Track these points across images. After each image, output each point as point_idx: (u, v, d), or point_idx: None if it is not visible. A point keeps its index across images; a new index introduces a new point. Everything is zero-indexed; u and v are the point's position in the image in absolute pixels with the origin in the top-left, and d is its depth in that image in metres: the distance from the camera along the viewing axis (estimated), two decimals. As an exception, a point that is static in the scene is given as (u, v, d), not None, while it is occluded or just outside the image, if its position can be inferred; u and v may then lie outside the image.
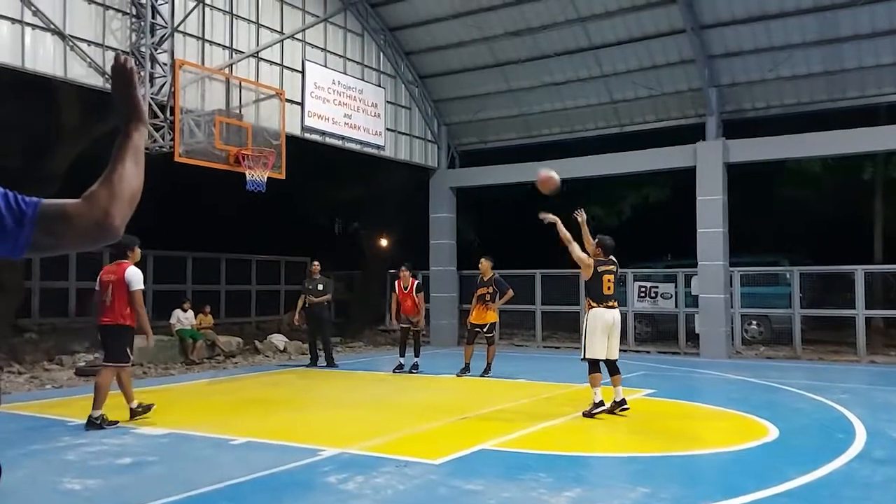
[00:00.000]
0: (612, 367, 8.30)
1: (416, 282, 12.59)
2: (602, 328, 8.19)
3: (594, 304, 8.25)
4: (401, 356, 12.58)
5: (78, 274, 18.22)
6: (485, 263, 11.92)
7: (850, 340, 15.03)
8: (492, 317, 11.89)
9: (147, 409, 7.90)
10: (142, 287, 7.64)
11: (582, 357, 8.31)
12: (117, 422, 7.56)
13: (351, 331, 19.22)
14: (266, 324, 21.10)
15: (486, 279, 11.85)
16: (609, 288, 8.31)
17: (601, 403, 8.05)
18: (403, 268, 12.61)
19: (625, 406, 8.15)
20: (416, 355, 12.48)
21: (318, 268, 13.40)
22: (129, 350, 7.67)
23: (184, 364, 13.40)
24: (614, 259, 8.58)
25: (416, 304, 12.34)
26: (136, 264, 7.78)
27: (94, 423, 7.37)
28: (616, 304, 8.44)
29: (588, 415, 8.04)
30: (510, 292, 11.91)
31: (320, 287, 13.13)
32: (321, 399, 9.93)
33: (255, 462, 6.10)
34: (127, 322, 7.57)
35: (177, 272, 20.02)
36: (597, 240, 8.59)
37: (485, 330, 11.84)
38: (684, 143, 15.46)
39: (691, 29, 14.21)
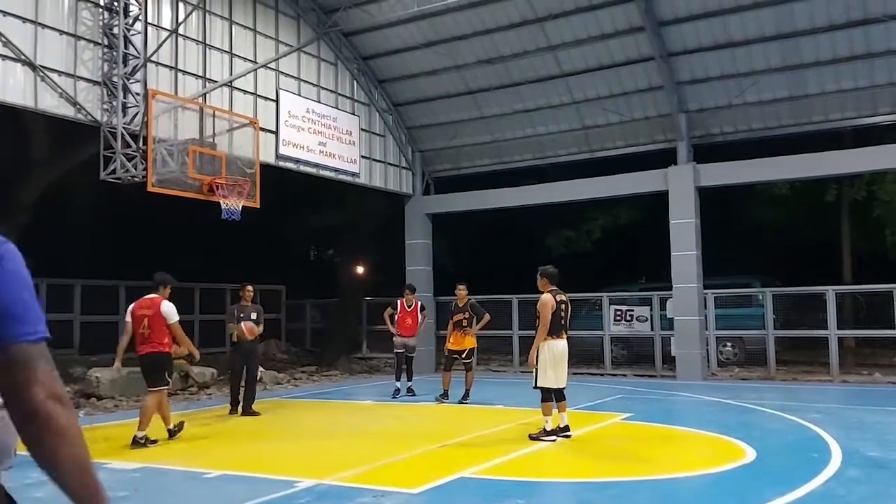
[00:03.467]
0: (560, 394, 8.49)
1: (420, 302, 12.99)
2: (553, 359, 8.32)
3: (549, 337, 8.32)
4: (397, 380, 12.74)
5: (48, 306, 17.90)
6: (461, 290, 11.95)
7: (822, 360, 15.21)
8: (470, 342, 11.87)
9: (180, 427, 8.81)
10: (177, 318, 8.53)
11: (535, 385, 8.45)
12: (157, 440, 8.38)
13: (327, 359, 19.05)
14: (241, 354, 20.81)
15: (462, 305, 11.87)
16: (563, 319, 8.42)
17: (552, 433, 8.20)
18: (407, 290, 12.93)
19: (567, 433, 8.31)
20: (409, 379, 12.68)
21: (252, 293, 11.18)
22: (167, 374, 8.61)
23: (157, 396, 13.15)
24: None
25: (415, 324, 12.64)
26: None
27: (139, 443, 8.21)
28: (566, 334, 8.53)
29: (535, 437, 8.21)
30: (487, 317, 11.94)
31: (254, 316, 10.87)
32: (297, 429, 9.80)
33: (229, 495, 5.98)
34: (165, 350, 8.49)
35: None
36: (539, 271, 8.62)
37: (463, 356, 11.82)
38: (655, 167, 15.69)
39: (659, 56, 14.50)
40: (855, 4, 13.10)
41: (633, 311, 16.97)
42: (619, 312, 16.99)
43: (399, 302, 12.81)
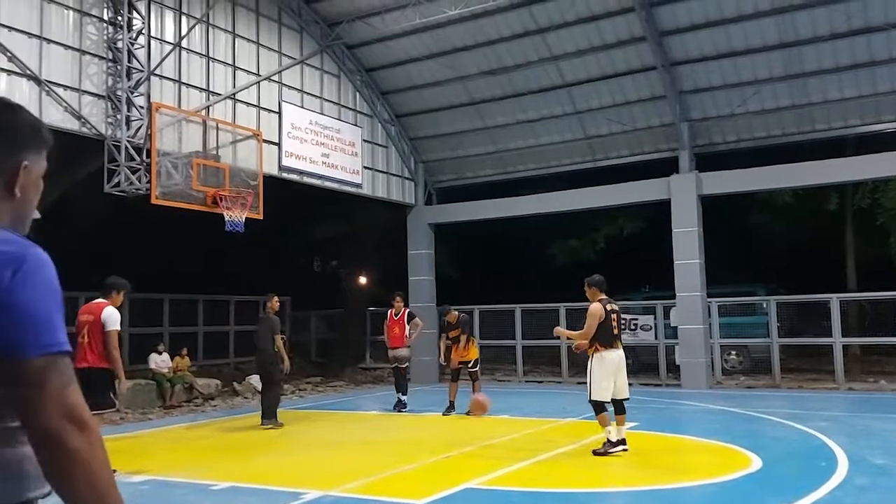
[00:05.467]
0: (620, 406, 8.14)
1: (408, 310, 12.61)
2: (610, 370, 8.02)
3: (602, 348, 8.01)
4: (396, 392, 12.53)
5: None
6: (452, 312, 11.99)
7: (828, 368, 15.17)
8: (473, 353, 11.88)
9: None
10: (117, 328, 7.29)
11: (589, 399, 8.04)
12: (115, 470, 7.24)
13: (332, 370, 19.05)
14: (245, 365, 20.82)
15: (454, 322, 11.88)
16: (615, 328, 8.16)
17: (617, 443, 7.82)
18: (397, 297, 12.61)
19: (624, 447, 8.01)
20: (404, 393, 12.34)
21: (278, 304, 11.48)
22: (112, 395, 7.32)
23: (162, 408, 13.18)
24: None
25: (403, 333, 12.26)
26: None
27: None
28: (621, 344, 8.27)
29: (601, 453, 7.81)
30: (464, 338, 11.90)
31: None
32: (303, 440, 9.80)
33: (236, 508, 5.98)
34: (105, 364, 7.25)
35: (153, 314, 19.76)
36: (586, 281, 8.41)
37: (469, 366, 11.81)
38: (658, 176, 15.71)
39: (661, 66, 14.55)
40: (856, 13, 13.14)
41: (637, 319, 16.95)
42: (622, 321, 16.92)
43: (389, 311, 12.65)
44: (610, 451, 7.78)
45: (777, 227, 20.94)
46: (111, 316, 7.27)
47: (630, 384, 15.66)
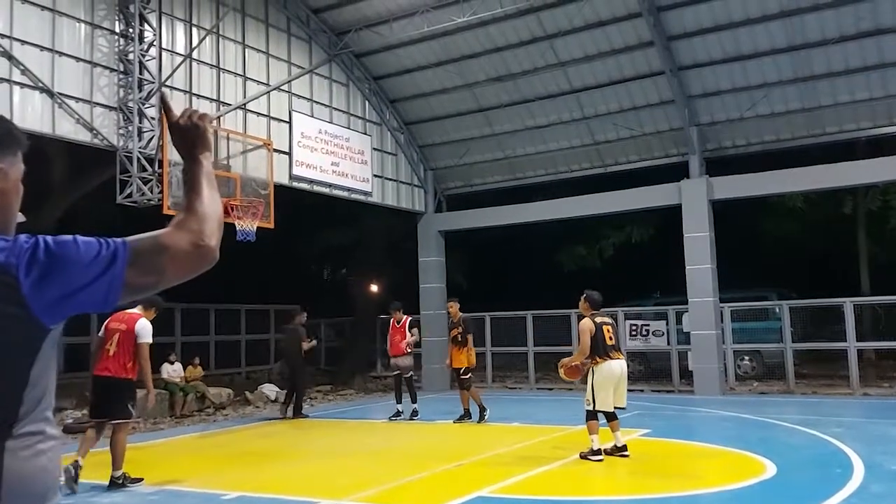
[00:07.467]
0: (612, 413, 8.20)
1: (409, 319, 12.51)
2: (610, 380, 8.10)
3: (600, 359, 8.13)
4: (398, 402, 12.42)
5: (64, 329, 18.03)
6: (452, 306, 11.91)
7: (842, 373, 15.03)
8: (465, 361, 11.64)
9: (134, 481, 7.30)
10: (150, 340, 7.37)
11: (592, 408, 8.13)
12: (141, 479, 7.35)
13: (342, 378, 19.05)
14: (256, 374, 20.89)
15: (455, 320, 11.80)
16: (611, 338, 8.27)
17: (599, 452, 7.99)
18: (392, 307, 12.59)
19: (625, 452, 8.09)
20: (413, 401, 12.26)
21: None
22: (130, 406, 7.38)
23: (173, 418, 13.21)
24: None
25: (404, 342, 12.14)
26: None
27: (116, 483, 7.15)
28: (621, 353, 8.40)
29: (584, 457, 8.02)
30: (470, 338, 11.75)
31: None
32: (314, 449, 9.80)
33: (248, 517, 5.98)
34: (129, 375, 7.32)
35: (166, 324, 19.85)
36: (584, 295, 8.61)
37: (460, 374, 11.64)
38: (668, 181, 15.65)
39: (669, 70, 14.52)
40: (866, 15, 13.08)
41: (648, 325, 16.85)
42: (634, 327, 16.88)
43: (391, 320, 12.55)
44: (591, 457, 7.97)
45: (788, 231, 20.83)
46: (144, 328, 7.33)
47: (642, 390, 15.90)
